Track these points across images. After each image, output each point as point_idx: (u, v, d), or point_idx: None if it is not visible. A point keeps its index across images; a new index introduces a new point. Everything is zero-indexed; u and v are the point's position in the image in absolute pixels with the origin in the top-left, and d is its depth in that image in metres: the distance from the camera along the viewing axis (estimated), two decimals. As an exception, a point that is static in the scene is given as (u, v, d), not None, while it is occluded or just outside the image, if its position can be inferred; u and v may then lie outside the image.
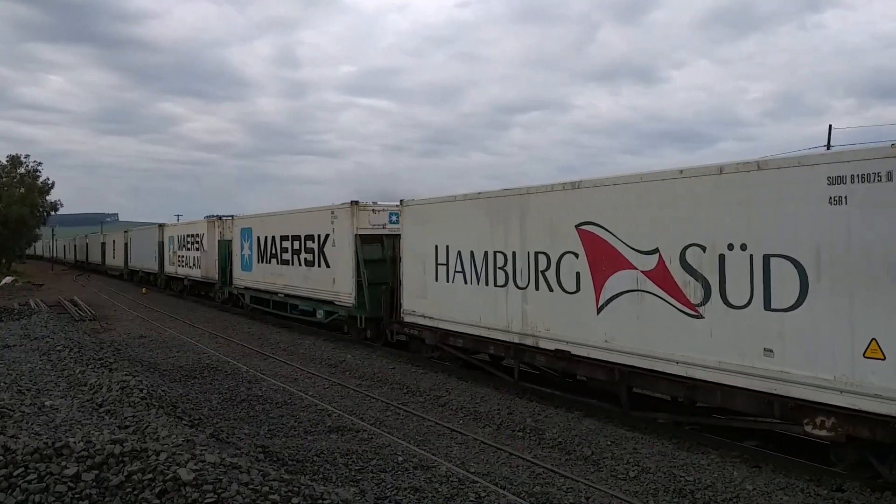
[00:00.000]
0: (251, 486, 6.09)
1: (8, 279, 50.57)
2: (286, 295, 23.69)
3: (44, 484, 5.78)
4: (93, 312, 28.68)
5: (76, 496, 5.68)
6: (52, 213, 74.75)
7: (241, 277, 28.11)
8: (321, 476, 8.65)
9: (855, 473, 8.62)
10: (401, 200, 16.99)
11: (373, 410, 12.63)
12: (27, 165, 70.28)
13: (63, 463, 6.10)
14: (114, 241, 57.59)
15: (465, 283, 14.66)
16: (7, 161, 69.20)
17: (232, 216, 30.12)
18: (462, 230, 14.82)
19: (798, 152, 10.67)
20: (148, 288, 43.09)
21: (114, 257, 56.79)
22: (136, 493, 5.77)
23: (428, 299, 15.80)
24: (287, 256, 23.63)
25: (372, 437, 10.71)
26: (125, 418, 9.44)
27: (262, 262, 25.74)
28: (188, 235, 35.44)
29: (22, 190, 67.70)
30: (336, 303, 20.28)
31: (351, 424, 11.49)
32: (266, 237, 25.43)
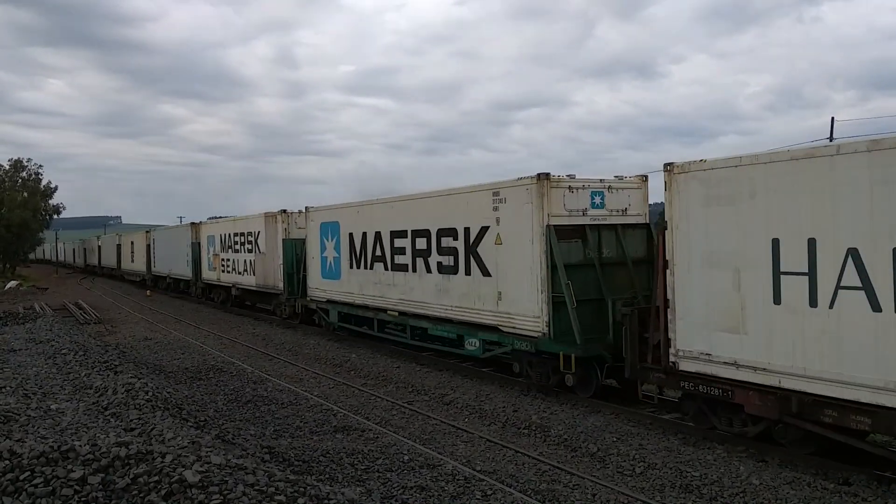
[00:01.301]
0: (257, 487, 6.09)
1: (13, 283, 50.70)
2: (404, 314, 17.25)
3: (50, 487, 5.79)
4: (98, 315, 28.73)
5: (82, 499, 5.69)
6: (55, 216, 74.95)
7: (321, 287, 21.65)
8: (327, 476, 8.65)
9: None
10: (667, 165, 10.48)
11: (378, 410, 12.64)
12: (29, 169, 70.49)
13: (69, 466, 6.11)
14: (132, 243, 50.86)
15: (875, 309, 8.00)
16: (9, 165, 69.41)
17: (305, 208, 22.84)
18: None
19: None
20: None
21: (132, 261, 50.32)
22: (142, 495, 5.78)
23: (749, 335, 9.32)
24: (403, 260, 17.12)
25: (378, 437, 10.71)
26: (131, 421, 9.44)
27: (359, 267, 19.25)
28: (237, 234, 29.07)
29: (25, 194, 67.89)
30: (506, 329, 13.61)
31: (356, 424, 11.49)
32: (364, 234, 18.91)
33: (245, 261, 28.24)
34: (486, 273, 14.16)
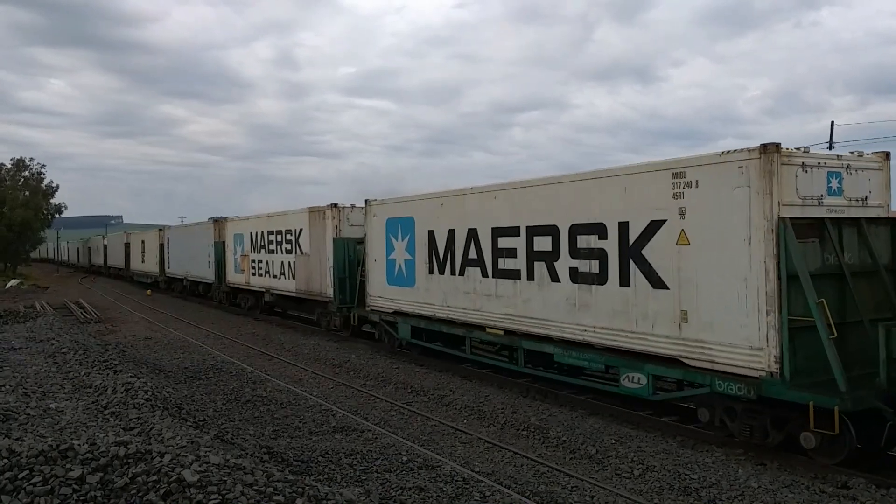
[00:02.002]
0: (256, 488, 6.09)
1: (13, 282, 50.75)
2: (511, 333, 13.68)
3: (49, 486, 5.79)
4: (98, 315, 28.75)
5: (81, 498, 5.69)
6: (57, 215, 75.03)
7: (386, 296, 18.09)
8: (326, 476, 8.66)
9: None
10: None
11: (377, 410, 12.65)
12: (31, 168, 70.57)
13: (68, 465, 6.11)
14: (143, 242, 47.37)
15: None
16: (11, 164, 69.50)
17: (366, 201, 19.15)
18: None
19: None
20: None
21: (143, 261, 46.91)
22: (140, 494, 5.78)
23: None
24: (512, 264, 13.54)
25: (376, 437, 10.72)
26: (130, 420, 9.46)
27: (442, 272, 15.71)
28: (272, 233, 25.64)
29: (26, 193, 67.99)
30: (697, 364, 10.09)
31: (355, 424, 11.50)
32: (452, 232, 15.39)
33: (282, 263, 24.54)
34: (657, 284, 10.54)
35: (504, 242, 13.83)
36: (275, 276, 25.46)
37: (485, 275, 14.32)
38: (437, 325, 16.09)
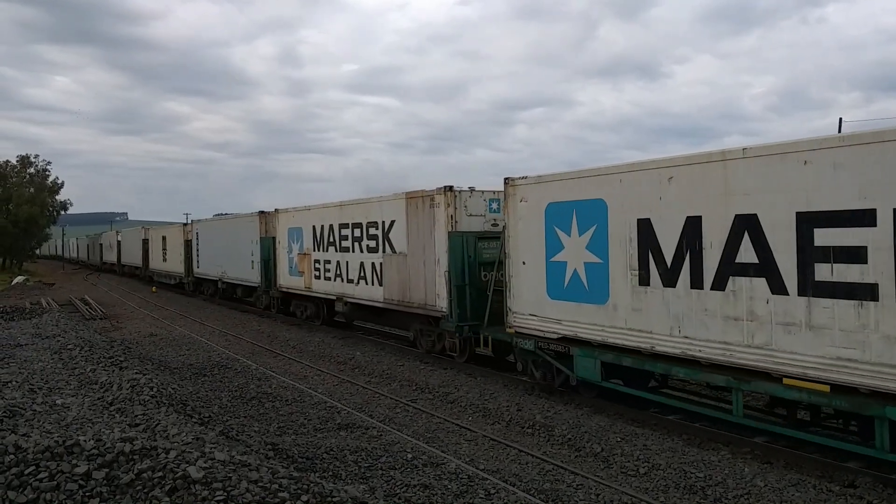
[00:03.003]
0: (261, 484, 6.10)
1: (19, 278, 50.98)
2: (852, 390, 8.39)
3: (55, 482, 5.81)
4: (103, 311, 28.82)
5: (87, 494, 5.70)
6: (62, 212, 75.28)
7: (550, 315, 12.73)
8: (331, 473, 8.66)
9: None
10: None
11: (382, 408, 12.65)
12: (37, 165, 70.85)
13: (74, 461, 6.13)
14: (164, 239, 42.69)
15: None
16: (17, 161, 69.76)
17: (506, 180, 13.72)
18: None
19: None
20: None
21: (164, 259, 42.13)
22: (146, 491, 5.79)
23: None
24: (854, 273, 8.23)
25: (381, 435, 10.72)
26: (135, 416, 9.48)
27: (668, 283, 10.49)
28: (348, 226, 20.17)
29: (32, 189, 68.25)
30: None
31: (360, 422, 11.50)
32: (683, 220, 10.25)
33: (363, 264, 19.44)
34: None
35: (832, 237, 8.40)
36: (350, 281, 20.09)
37: (779, 290, 8.97)
38: (659, 364, 10.77)
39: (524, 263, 13.22)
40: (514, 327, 13.49)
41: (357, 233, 19.70)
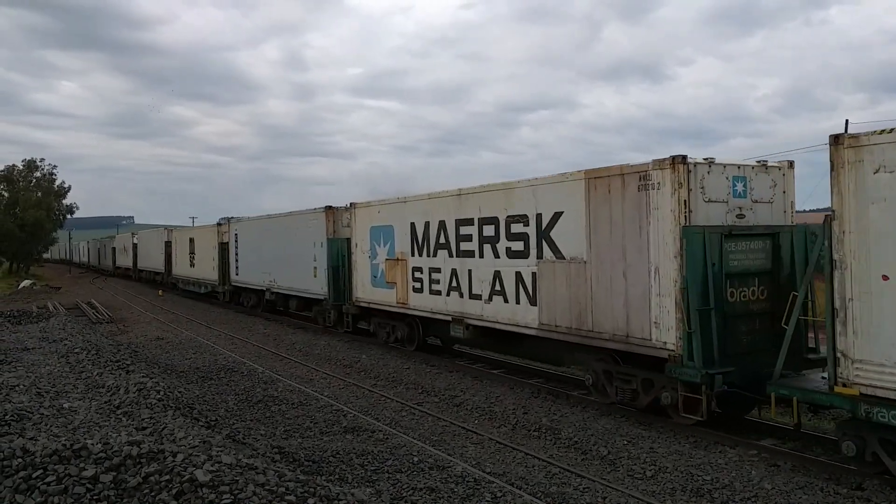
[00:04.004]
0: (267, 487, 6.11)
1: (26, 282, 51.18)
2: None
3: (62, 486, 5.83)
4: (110, 315, 28.92)
5: (94, 498, 5.72)
6: (69, 216, 75.54)
7: None
8: (337, 476, 8.67)
9: None
10: None
11: (388, 411, 12.65)
12: (43, 169, 71.13)
13: (81, 464, 6.14)
14: (191, 241, 37.42)
15: None
16: (23, 165, 70.08)
17: (835, 138, 8.30)
18: None
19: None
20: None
21: (192, 265, 36.94)
22: (153, 494, 5.81)
23: None
24: None
25: (387, 438, 10.72)
26: (142, 420, 9.50)
27: None
28: (472, 222, 15.05)
29: (38, 194, 68.52)
30: None
31: (366, 425, 11.50)
32: None
33: (499, 274, 14.12)
34: None
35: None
36: (475, 297, 14.87)
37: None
38: None
39: (886, 279, 7.92)
40: (860, 384, 8.15)
41: (489, 231, 14.42)
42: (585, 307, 12.06)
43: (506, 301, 13.96)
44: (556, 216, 12.67)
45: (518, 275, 13.56)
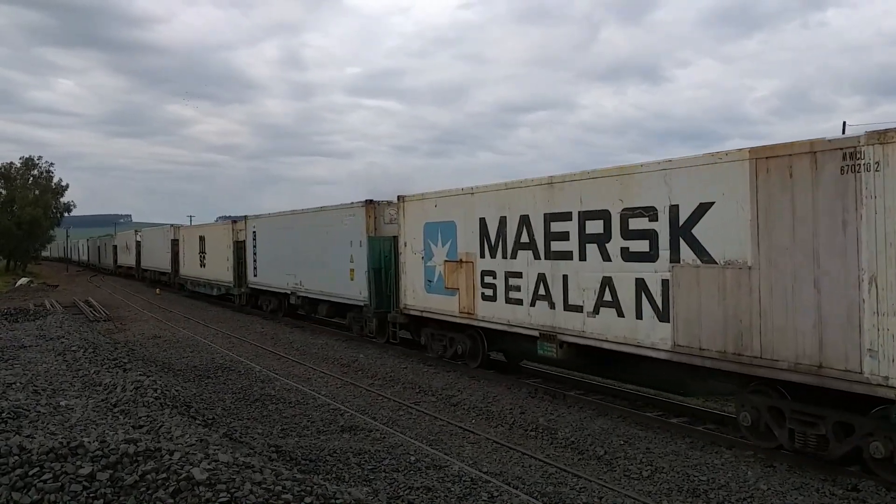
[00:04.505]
0: (264, 486, 6.11)
1: (23, 280, 51.12)
2: None
3: (59, 483, 5.83)
4: (107, 313, 28.89)
5: (91, 496, 5.72)
6: (66, 214, 75.50)
7: None
8: (334, 475, 8.68)
9: None
10: None
11: (385, 410, 12.66)
12: (40, 167, 71.08)
13: (78, 462, 6.14)
14: (202, 239, 34.98)
15: None
16: (20, 163, 70.03)
17: None
18: None
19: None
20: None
21: (203, 265, 34.61)
22: (150, 492, 5.81)
23: None
24: None
25: (384, 437, 10.73)
26: (139, 418, 9.50)
27: None
28: (569, 216, 12.30)
29: (36, 192, 68.47)
30: None
31: (363, 424, 11.51)
32: None
33: (611, 281, 11.46)
34: None
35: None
36: (573, 308, 12.21)
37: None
38: None
39: None
40: None
41: (594, 227, 11.74)
42: (750, 326, 9.32)
43: (620, 314, 11.22)
44: (703, 208, 9.90)
45: (640, 282, 10.81)
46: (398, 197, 17.67)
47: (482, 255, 14.50)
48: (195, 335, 22.48)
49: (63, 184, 73.20)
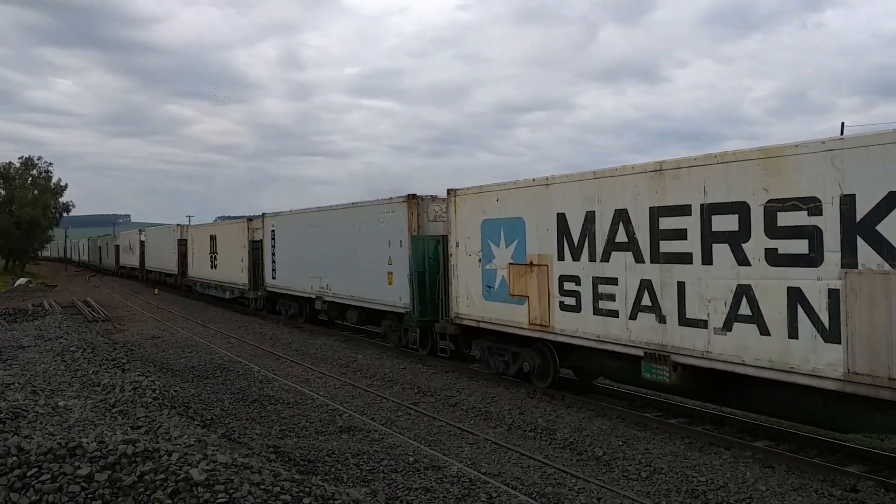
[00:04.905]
0: (263, 487, 6.10)
1: (22, 280, 51.10)
2: None
3: (57, 484, 5.82)
4: (106, 313, 28.86)
5: (89, 496, 5.71)
6: (65, 214, 75.47)
7: None
8: (332, 476, 8.67)
9: None
10: None
11: (384, 410, 12.65)
12: (39, 167, 71.06)
13: (76, 463, 6.13)
14: (212, 238, 32.87)
15: None
16: (20, 163, 70.01)
17: None
18: None
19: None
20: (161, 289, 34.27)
21: (214, 266, 32.48)
22: (148, 493, 5.80)
23: None
24: None
25: (383, 438, 10.72)
26: (138, 418, 9.48)
27: None
28: (687, 209, 10.17)
29: (35, 192, 68.44)
30: None
31: (362, 424, 11.50)
32: None
33: (749, 290, 9.34)
34: None
35: None
36: (691, 323, 10.18)
37: None
38: None
39: None
40: None
41: (725, 223, 9.65)
42: None
43: (764, 332, 9.09)
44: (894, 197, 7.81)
45: (795, 292, 8.74)
46: (448, 191, 15.60)
47: (560, 258, 12.36)
48: (194, 335, 22.46)
49: (62, 184, 73.24)
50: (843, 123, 29.72)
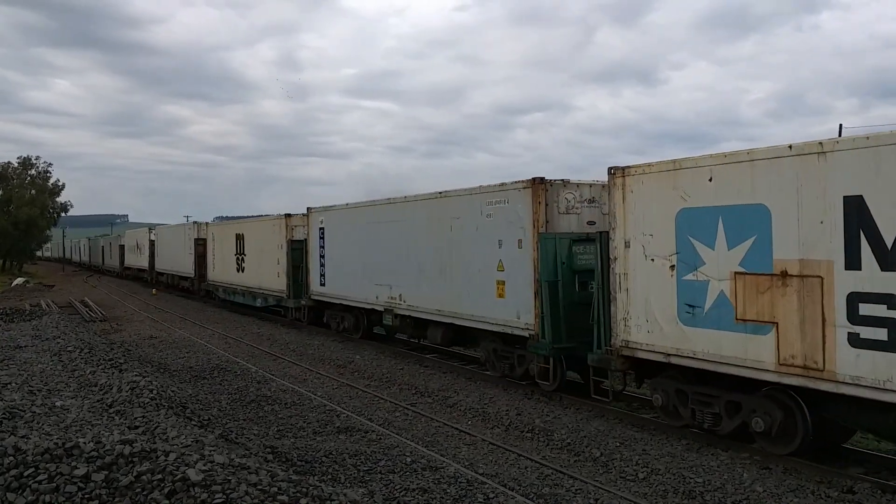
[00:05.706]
0: (260, 487, 6.09)
1: (19, 280, 51.04)
2: None
3: (54, 484, 5.81)
4: (103, 313, 28.83)
5: (86, 496, 5.70)
6: (63, 214, 75.40)
7: None
8: (330, 477, 8.66)
9: None
10: None
11: (381, 411, 12.64)
12: (37, 167, 71.02)
13: (73, 463, 6.12)
14: (239, 237, 29.24)
15: None
16: (18, 163, 69.94)
17: None
18: None
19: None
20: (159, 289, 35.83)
21: (241, 269, 28.79)
22: (145, 493, 5.79)
23: None
24: None
25: (381, 438, 10.72)
26: (135, 419, 9.47)
27: None
28: None
29: (33, 191, 68.39)
30: None
31: (359, 425, 11.50)
32: None
33: None
34: None
35: None
36: None
37: None
38: None
39: None
40: None
41: None
42: None
43: None
44: None
45: None
46: (610, 170, 11.36)
47: (850, 266, 8.16)
48: (191, 335, 22.44)
49: (60, 184, 73.18)
50: (840, 125, 29.77)
